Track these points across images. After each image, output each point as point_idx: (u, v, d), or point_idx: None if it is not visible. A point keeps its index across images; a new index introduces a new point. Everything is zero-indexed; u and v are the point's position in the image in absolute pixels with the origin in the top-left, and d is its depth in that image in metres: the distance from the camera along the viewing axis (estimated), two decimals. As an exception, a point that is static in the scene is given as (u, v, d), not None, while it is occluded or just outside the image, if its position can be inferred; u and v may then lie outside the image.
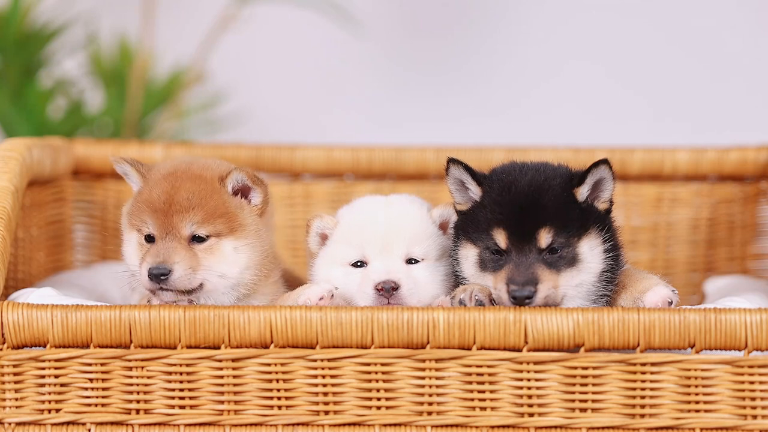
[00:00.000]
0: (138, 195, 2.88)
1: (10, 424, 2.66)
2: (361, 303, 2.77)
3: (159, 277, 2.75)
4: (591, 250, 2.71)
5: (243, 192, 2.86)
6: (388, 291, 2.75)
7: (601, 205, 2.75)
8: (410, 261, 2.83)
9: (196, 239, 2.79)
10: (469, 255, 2.75)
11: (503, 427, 2.63)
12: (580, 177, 2.72)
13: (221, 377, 2.63)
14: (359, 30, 4.63)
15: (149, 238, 2.83)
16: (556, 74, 4.92)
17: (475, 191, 2.76)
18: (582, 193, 2.72)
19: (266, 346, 2.61)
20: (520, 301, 2.63)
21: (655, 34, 4.89)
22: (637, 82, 4.90)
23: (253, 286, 2.86)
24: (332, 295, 2.75)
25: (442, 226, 2.89)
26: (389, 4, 4.95)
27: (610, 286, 2.74)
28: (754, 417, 2.61)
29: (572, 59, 4.91)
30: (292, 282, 3.03)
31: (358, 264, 2.84)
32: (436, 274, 2.84)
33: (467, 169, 2.76)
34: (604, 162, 2.72)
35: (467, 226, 2.76)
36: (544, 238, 2.67)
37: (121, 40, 4.56)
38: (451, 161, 2.78)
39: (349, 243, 2.85)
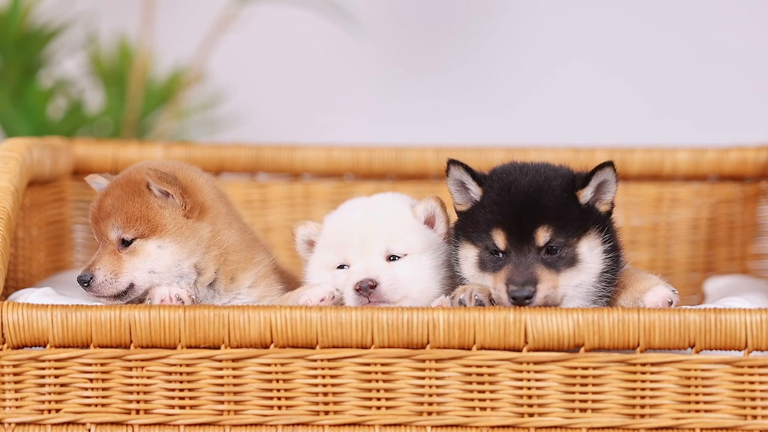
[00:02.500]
0: None
1: (10, 424, 2.66)
2: (348, 304, 2.77)
3: (82, 284, 2.79)
4: (590, 250, 2.70)
5: (168, 193, 2.86)
6: (365, 290, 2.74)
7: (602, 207, 2.74)
8: (392, 258, 2.82)
9: (124, 243, 2.81)
10: (468, 255, 2.74)
11: (503, 427, 2.62)
12: (584, 179, 2.71)
13: (221, 377, 2.63)
14: (359, 30, 4.63)
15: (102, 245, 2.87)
16: (556, 74, 4.92)
17: (475, 191, 2.76)
18: (585, 195, 2.71)
19: (266, 346, 2.61)
20: (520, 301, 2.63)
21: (656, 33, 4.89)
22: (637, 82, 4.90)
23: (223, 268, 2.86)
24: (333, 297, 2.75)
25: (428, 221, 2.89)
26: (389, 4, 4.95)
27: (610, 286, 2.73)
28: (754, 417, 2.61)
29: (572, 59, 4.91)
30: (291, 283, 3.03)
31: (344, 267, 2.84)
32: (421, 267, 2.82)
33: (467, 169, 2.76)
34: (609, 164, 2.71)
35: (467, 226, 2.75)
36: (542, 236, 2.66)
37: (121, 40, 4.56)
38: (451, 162, 2.77)
39: (332, 247, 2.86)
